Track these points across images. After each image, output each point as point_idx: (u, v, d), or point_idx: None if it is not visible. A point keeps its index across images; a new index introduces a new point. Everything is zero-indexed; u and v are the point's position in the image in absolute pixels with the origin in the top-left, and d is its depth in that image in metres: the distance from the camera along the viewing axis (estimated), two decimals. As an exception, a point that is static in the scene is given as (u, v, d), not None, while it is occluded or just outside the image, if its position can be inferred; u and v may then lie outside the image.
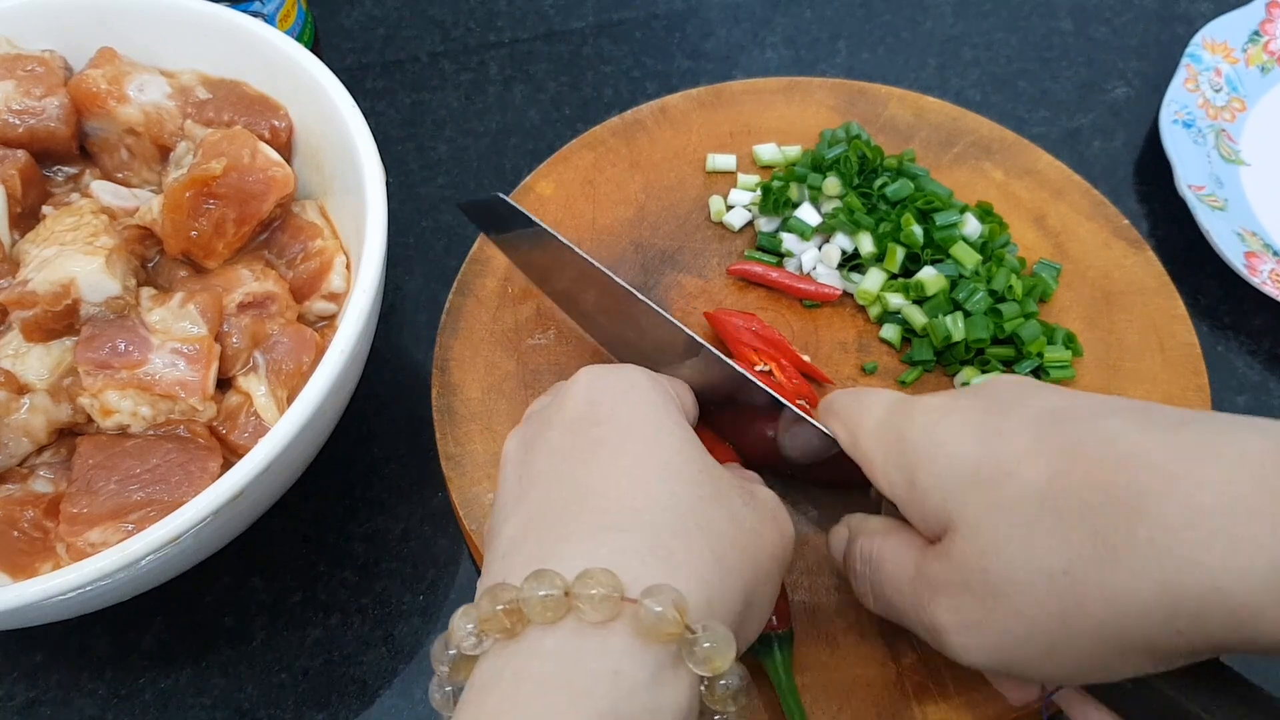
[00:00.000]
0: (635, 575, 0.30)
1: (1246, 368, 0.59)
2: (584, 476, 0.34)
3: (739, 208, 0.61)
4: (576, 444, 0.36)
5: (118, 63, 0.55)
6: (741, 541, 0.34)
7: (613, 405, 0.37)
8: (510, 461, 0.38)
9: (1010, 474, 0.33)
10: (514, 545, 0.34)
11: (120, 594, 0.44)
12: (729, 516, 0.35)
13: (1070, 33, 0.74)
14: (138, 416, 0.46)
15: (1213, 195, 0.62)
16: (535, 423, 0.39)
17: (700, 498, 0.34)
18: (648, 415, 0.37)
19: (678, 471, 0.35)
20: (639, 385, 0.38)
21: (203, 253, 0.51)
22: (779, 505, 0.39)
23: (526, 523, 0.34)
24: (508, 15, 0.77)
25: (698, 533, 0.33)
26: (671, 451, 0.35)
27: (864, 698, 0.45)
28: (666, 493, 0.34)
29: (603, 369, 0.39)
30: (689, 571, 0.32)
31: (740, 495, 0.36)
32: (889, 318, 0.56)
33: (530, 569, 0.31)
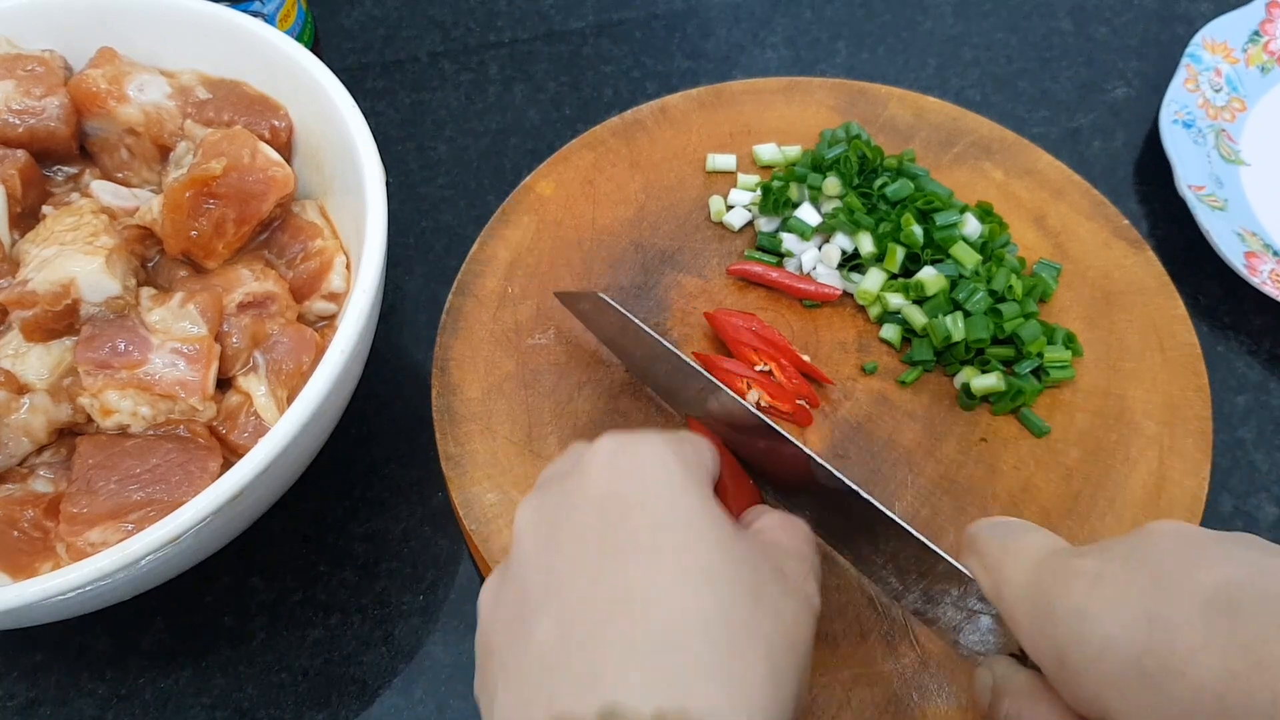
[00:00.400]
0: (701, 706, 0.29)
1: (1246, 368, 0.59)
2: (626, 579, 0.32)
3: (739, 208, 0.61)
4: (609, 536, 0.34)
5: (118, 63, 0.55)
6: (787, 641, 0.33)
7: (642, 486, 0.35)
8: (528, 539, 0.35)
9: (1179, 673, 0.29)
10: (555, 655, 0.32)
11: (120, 594, 0.44)
12: (774, 616, 0.34)
13: (1070, 33, 0.74)
14: (138, 416, 0.46)
15: (1213, 195, 0.62)
16: (555, 496, 0.36)
17: (744, 599, 0.33)
18: (681, 503, 0.34)
19: (721, 572, 0.33)
20: (668, 464, 0.36)
21: (203, 253, 0.51)
22: (806, 575, 0.38)
23: (565, 630, 0.32)
24: (508, 15, 0.77)
25: (750, 645, 0.32)
26: (712, 548, 0.33)
27: (864, 698, 0.45)
28: (712, 600, 0.32)
29: (625, 440, 0.37)
30: (749, 694, 0.31)
31: (775, 583, 0.35)
32: (889, 318, 0.56)
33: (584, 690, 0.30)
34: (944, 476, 0.52)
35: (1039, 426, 0.53)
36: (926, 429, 0.53)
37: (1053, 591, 0.33)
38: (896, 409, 0.54)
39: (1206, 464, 0.51)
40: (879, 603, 0.47)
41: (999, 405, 0.53)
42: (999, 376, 0.53)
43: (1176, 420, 0.53)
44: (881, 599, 0.47)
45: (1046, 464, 0.52)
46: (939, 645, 0.46)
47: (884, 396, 0.54)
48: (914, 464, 0.52)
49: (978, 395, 0.53)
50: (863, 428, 0.53)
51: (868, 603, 0.47)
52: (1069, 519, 0.50)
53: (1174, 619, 0.30)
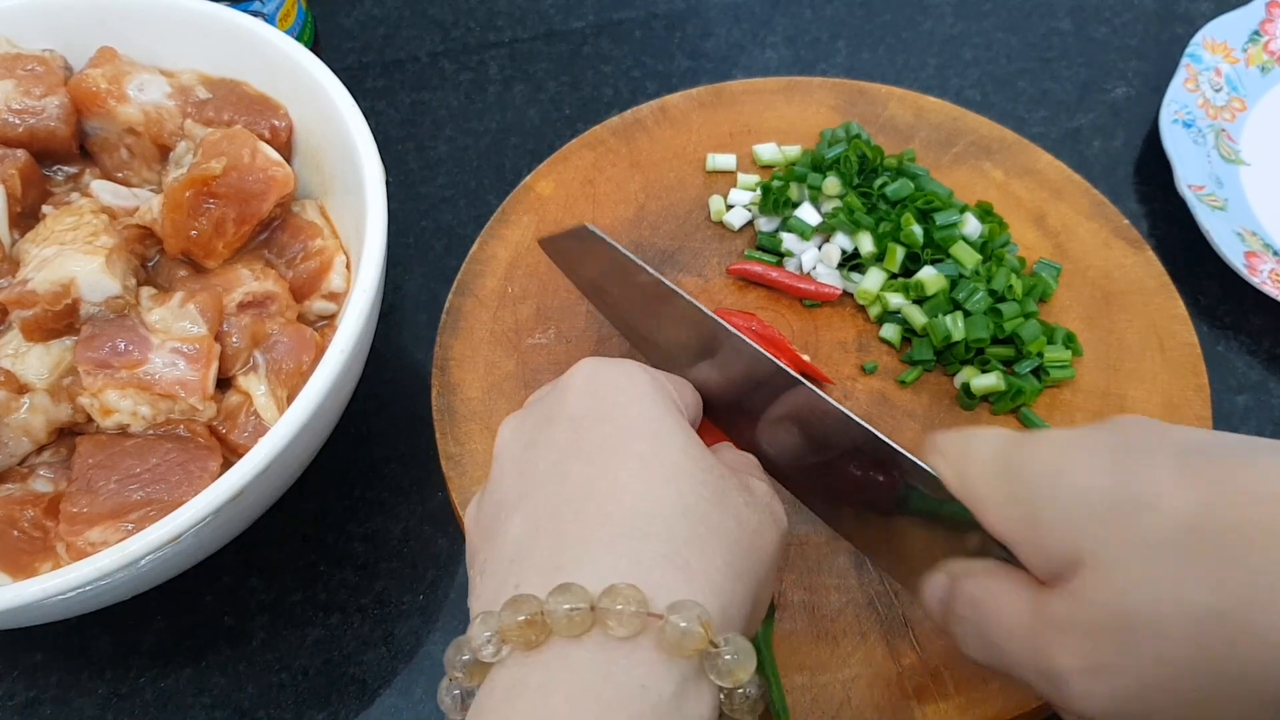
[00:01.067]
0: (655, 587, 0.30)
1: (1247, 367, 0.59)
2: (592, 477, 0.34)
3: (739, 207, 0.61)
4: (580, 442, 0.35)
5: (118, 62, 0.55)
6: (747, 543, 0.34)
7: (614, 401, 0.37)
8: (507, 453, 0.37)
9: (1152, 506, 0.30)
10: (524, 548, 0.33)
11: (120, 593, 0.44)
12: (735, 519, 0.35)
13: (1070, 33, 0.74)
14: (137, 416, 0.46)
15: (1213, 195, 0.62)
16: (534, 415, 0.38)
17: (707, 500, 0.34)
18: (650, 412, 0.36)
19: (684, 472, 0.34)
20: (639, 381, 0.38)
21: (203, 252, 0.51)
22: (773, 496, 0.39)
23: (535, 524, 0.34)
24: (508, 15, 0.77)
25: (710, 539, 0.33)
26: (676, 451, 0.35)
27: (864, 698, 0.45)
28: (674, 495, 0.33)
29: (601, 362, 0.39)
30: (705, 581, 0.32)
31: (740, 493, 0.36)
32: (889, 317, 0.56)
33: (548, 577, 0.31)
34: (944, 476, 0.51)
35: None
36: (927, 429, 0.53)
37: (1022, 460, 0.34)
38: (896, 409, 0.54)
39: (1206, 464, 0.51)
40: (879, 603, 0.47)
41: (999, 405, 0.53)
42: (999, 376, 0.53)
43: (1176, 420, 0.53)
44: (881, 599, 0.47)
45: (1046, 464, 0.52)
46: (939, 645, 0.46)
47: (884, 396, 0.54)
48: (914, 464, 0.52)
49: (978, 395, 0.53)
50: (863, 427, 0.53)
51: (868, 603, 0.47)
52: (1069, 519, 0.50)
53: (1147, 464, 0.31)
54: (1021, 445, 0.35)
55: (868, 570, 0.48)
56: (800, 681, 0.45)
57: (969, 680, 0.45)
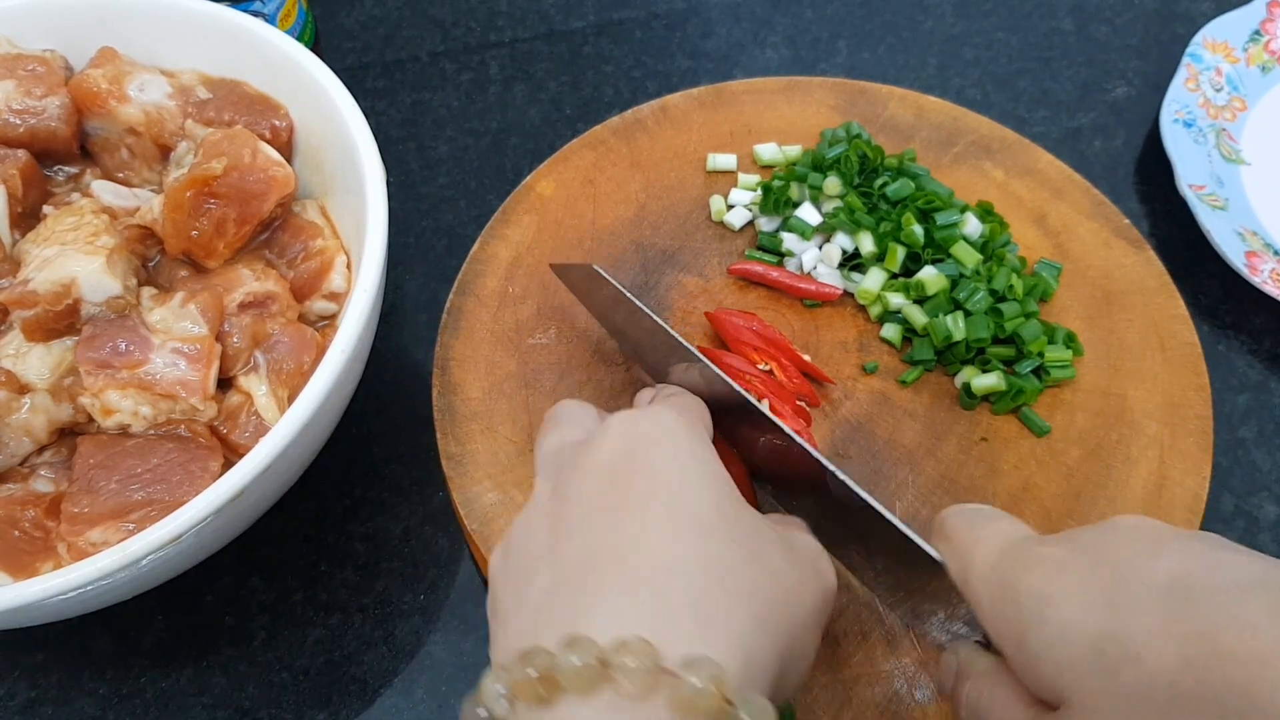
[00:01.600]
0: (672, 640, 0.30)
1: (1247, 367, 0.59)
2: (618, 529, 0.33)
3: (739, 207, 0.61)
4: (611, 495, 0.35)
5: (118, 62, 0.55)
6: (780, 599, 0.34)
7: (646, 453, 0.36)
8: (539, 508, 0.37)
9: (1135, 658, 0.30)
10: (547, 600, 0.33)
11: (121, 593, 0.44)
12: (769, 574, 0.34)
13: (1070, 32, 0.74)
14: (138, 416, 0.46)
15: (1213, 195, 0.62)
16: (567, 468, 0.37)
17: (738, 555, 0.33)
18: (685, 464, 0.35)
19: (715, 526, 0.34)
20: (674, 431, 0.37)
21: (203, 252, 0.51)
22: (820, 554, 0.38)
23: (559, 576, 0.33)
24: (508, 15, 0.77)
25: (736, 592, 0.32)
26: (708, 505, 0.34)
27: (865, 697, 0.45)
28: (701, 548, 0.33)
29: (636, 414, 0.38)
30: (726, 635, 0.31)
31: (779, 550, 0.35)
32: (889, 317, 0.56)
33: (565, 628, 0.30)
34: (944, 476, 0.52)
35: (1039, 426, 0.53)
36: (927, 428, 0.53)
37: (1016, 576, 0.33)
38: (897, 408, 0.54)
39: (1207, 463, 0.51)
40: (879, 603, 0.47)
41: (999, 405, 0.53)
42: (999, 376, 0.53)
43: (1177, 420, 0.53)
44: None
45: (1047, 463, 0.52)
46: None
47: (884, 396, 0.54)
48: (914, 463, 0.52)
49: (978, 395, 0.53)
50: (863, 427, 0.53)
51: (868, 602, 0.47)
52: (1069, 519, 0.50)
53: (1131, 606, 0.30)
54: (1018, 560, 0.34)
55: (868, 570, 0.48)
56: (801, 681, 0.45)
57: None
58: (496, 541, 0.49)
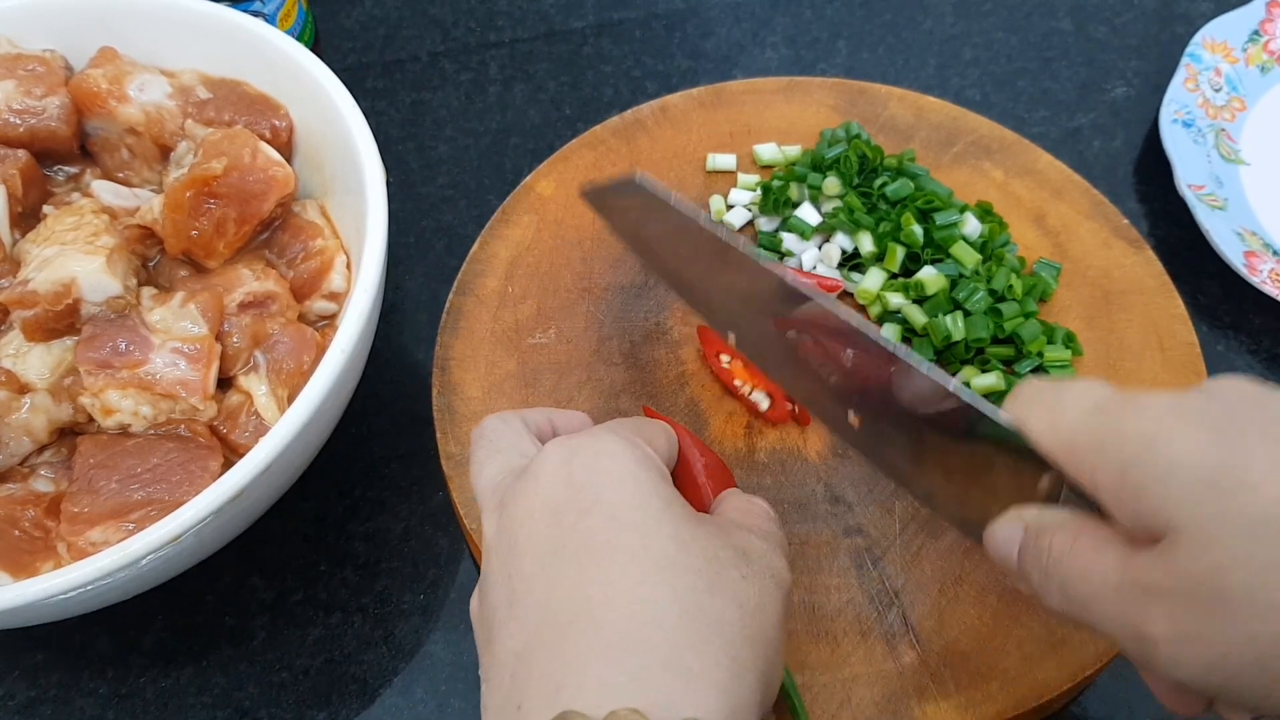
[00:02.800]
0: (657, 702, 0.30)
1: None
2: (581, 583, 0.33)
3: (739, 207, 0.61)
4: (563, 540, 0.34)
5: (118, 62, 0.55)
6: (750, 630, 0.34)
7: (593, 488, 0.35)
8: (493, 553, 0.36)
9: (1254, 486, 0.30)
10: (522, 665, 0.32)
11: (121, 593, 0.44)
12: (734, 603, 0.34)
13: (1070, 32, 0.74)
14: (139, 416, 0.46)
15: (1212, 195, 0.62)
16: (510, 507, 0.37)
17: (702, 589, 0.33)
18: (632, 495, 0.35)
19: (676, 562, 0.33)
20: (617, 456, 0.36)
21: (203, 252, 0.51)
22: (771, 552, 0.38)
23: (529, 636, 0.33)
24: (508, 15, 0.77)
25: (710, 636, 0.32)
26: (665, 539, 0.34)
27: (864, 697, 0.45)
28: (669, 593, 0.33)
29: (572, 442, 0.37)
30: (709, 685, 0.31)
31: (736, 566, 0.35)
32: (889, 317, 0.56)
33: (549, 699, 0.30)
34: (944, 476, 0.52)
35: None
36: (926, 428, 0.53)
37: (1116, 421, 0.33)
38: (896, 408, 0.54)
39: (1206, 463, 0.51)
40: (879, 603, 0.47)
41: (999, 405, 0.53)
42: (999, 376, 0.53)
43: (1176, 420, 0.53)
44: (881, 599, 0.47)
45: (1046, 463, 0.52)
46: (939, 645, 0.46)
47: (884, 396, 0.54)
48: (914, 463, 0.52)
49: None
50: (863, 427, 0.53)
51: (868, 602, 0.47)
52: (1069, 518, 0.50)
53: (1247, 440, 0.31)
54: (1121, 404, 0.34)
55: (868, 570, 0.48)
56: (800, 681, 0.45)
57: (969, 680, 0.45)
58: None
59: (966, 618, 0.46)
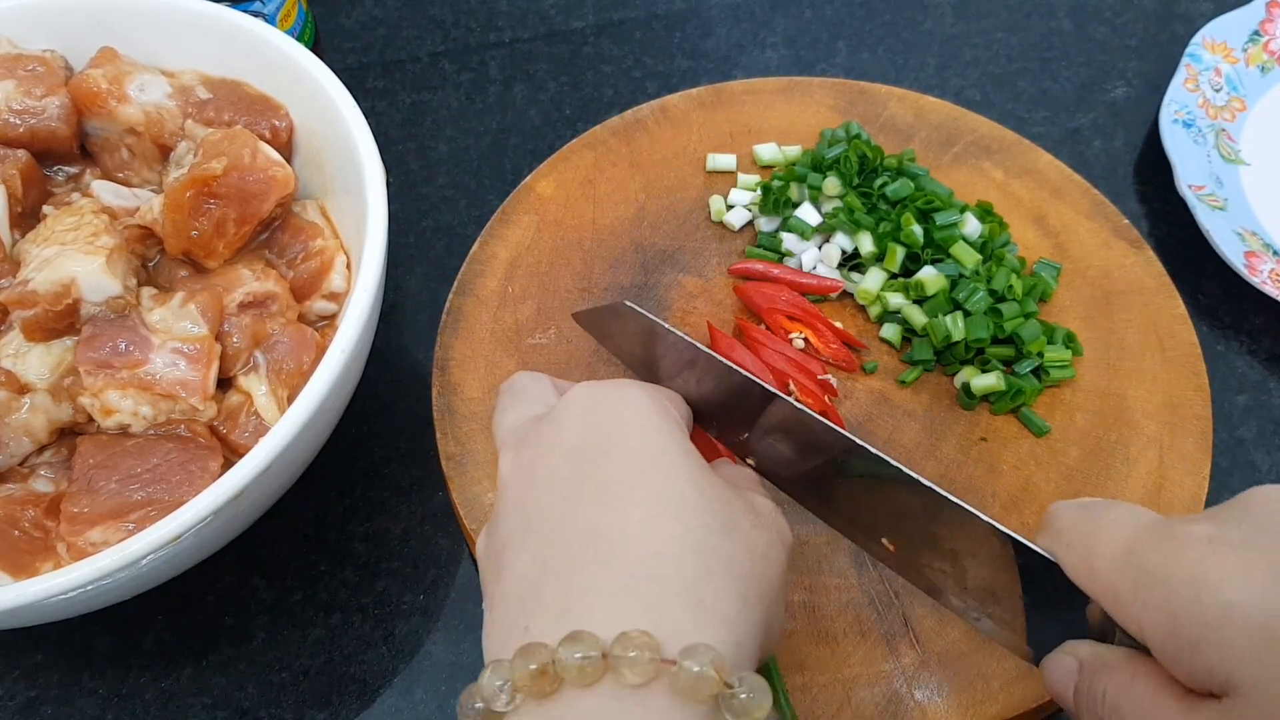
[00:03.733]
0: (668, 629, 0.30)
1: (1247, 367, 0.59)
2: (597, 515, 0.33)
3: (739, 207, 0.61)
4: (583, 475, 0.34)
5: (118, 62, 0.55)
6: (757, 571, 0.34)
7: (615, 429, 0.36)
8: (509, 488, 0.36)
9: None
10: (531, 588, 0.32)
11: (121, 593, 0.44)
12: (744, 545, 0.34)
13: (1070, 33, 0.74)
14: (138, 416, 0.46)
15: (1213, 195, 0.62)
16: (532, 446, 0.37)
17: (716, 530, 0.33)
18: (653, 440, 0.35)
19: (692, 503, 0.34)
20: (639, 403, 0.37)
21: (203, 252, 0.51)
22: (776, 511, 0.38)
23: (541, 563, 0.33)
24: (508, 15, 0.77)
25: (721, 572, 0.32)
26: (683, 481, 0.34)
27: (864, 697, 0.45)
28: (684, 529, 0.33)
29: (598, 387, 0.38)
30: (718, 618, 0.31)
31: (747, 515, 0.35)
32: (889, 317, 0.56)
33: (558, 621, 0.30)
34: (944, 476, 0.52)
35: (1039, 426, 0.53)
36: (926, 428, 0.53)
37: (1160, 560, 0.31)
38: (896, 408, 0.54)
39: (1206, 463, 0.51)
40: (879, 603, 0.47)
41: (999, 405, 0.53)
42: (999, 376, 0.53)
43: (1176, 420, 0.53)
44: (881, 599, 0.47)
45: (1046, 463, 0.52)
46: (939, 645, 0.46)
47: (884, 396, 0.54)
48: (914, 463, 0.52)
49: (978, 395, 0.53)
50: (863, 427, 0.53)
51: (868, 602, 0.47)
52: (1069, 518, 0.50)
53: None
54: (1157, 541, 0.32)
55: (868, 570, 0.48)
56: (800, 681, 0.45)
57: (969, 680, 0.45)
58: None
59: (966, 618, 0.46)
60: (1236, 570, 0.30)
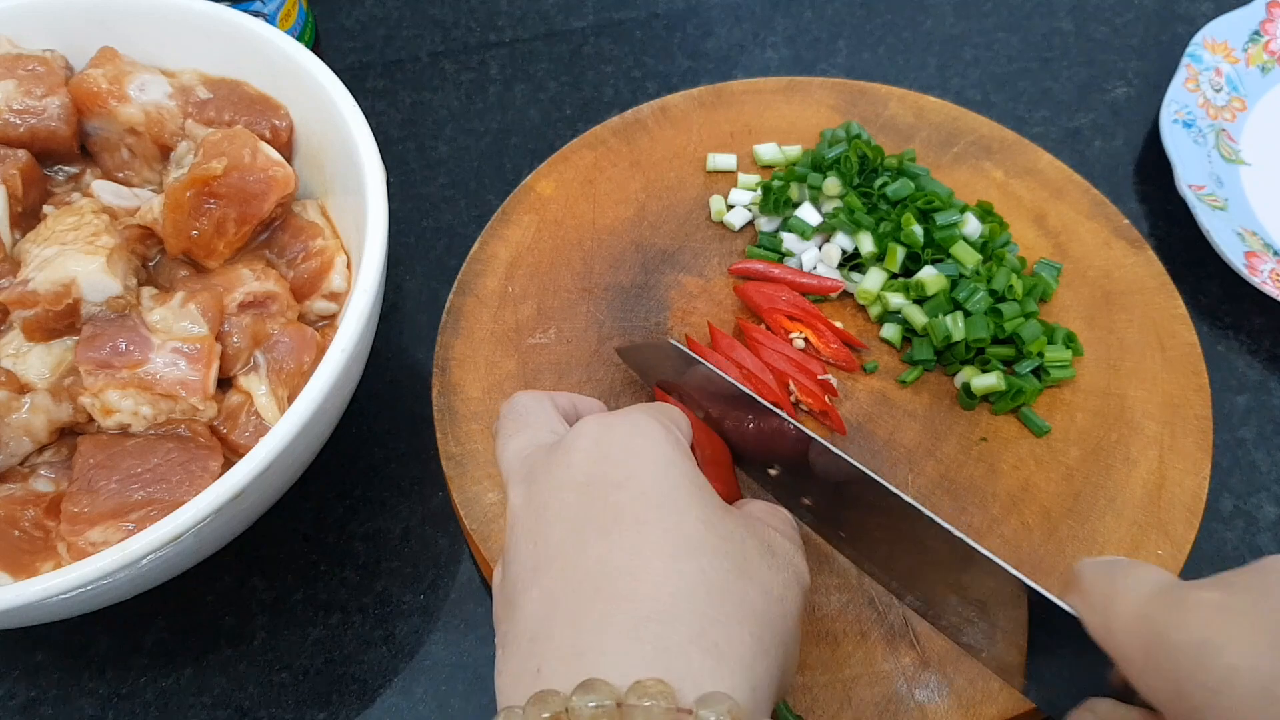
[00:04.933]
0: (683, 675, 0.29)
1: (1247, 367, 0.59)
2: (608, 553, 0.33)
3: (739, 207, 0.61)
4: (594, 512, 0.34)
5: (118, 62, 0.55)
6: (773, 614, 0.34)
7: (627, 464, 0.35)
8: (520, 523, 0.36)
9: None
10: (543, 627, 0.32)
11: (121, 593, 0.44)
12: (759, 587, 0.34)
13: (1070, 33, 0.74)
14: (139, 416, 0.46)
15: (1213, 195, 0.62)
16: (541, 479, 0.36)
17: (730, 571, 0.33)
18: (665, 476, 0.35)
19: (705, 544, 0.33)
20: (651, 436, 0.36)
21: (203, 252, 0.51)
22: (796, 552, 0.38)
23: (551, 602, 0.32)
24: (508, 15, 0.77)
25: (735, 615, 0.32)
26: (696, 520, 0.34)
27: (864, 697, 0.45)
28: (697, 571, 0.32)
29: (609, 419, 0.37)
30: (733, 663, 0.31)
31: (763, 556, 0.35)
32: (889, 317, 0.56)
33: (570, 665, 0.30)
34: (944, 476, 0.52)
35: (1039, 426, 0.53)
36: (927, 428, 0.53)
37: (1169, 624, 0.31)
38: (897, 408, 0.54)
39: (1207, 463, 0.51)
40: (879, 603, 0.47)
41: (999, 405, 0.53)
42: (999, 376, 0.53)
43: (1177, 420, 0.53)
44: (881, 599, 0.47)
45: (1047, 463, 0.52)
46: (939, 645, 0.46)
47: (884, 396, 0.54)
48: (914, 463, 0.52)
49: (978, 395, 0.53)
50: (863, 427, 0.53)
51: (868, 602, 0.47)
52: (1069, 518, 0.50)
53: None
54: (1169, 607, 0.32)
55: (868, 570, 0.48)
56: (800, 681, 0.45)
57: (969, 680, 0.45)
58: (496, 542, 0.49)
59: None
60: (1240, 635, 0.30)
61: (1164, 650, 0.31)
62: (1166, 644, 0.31)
